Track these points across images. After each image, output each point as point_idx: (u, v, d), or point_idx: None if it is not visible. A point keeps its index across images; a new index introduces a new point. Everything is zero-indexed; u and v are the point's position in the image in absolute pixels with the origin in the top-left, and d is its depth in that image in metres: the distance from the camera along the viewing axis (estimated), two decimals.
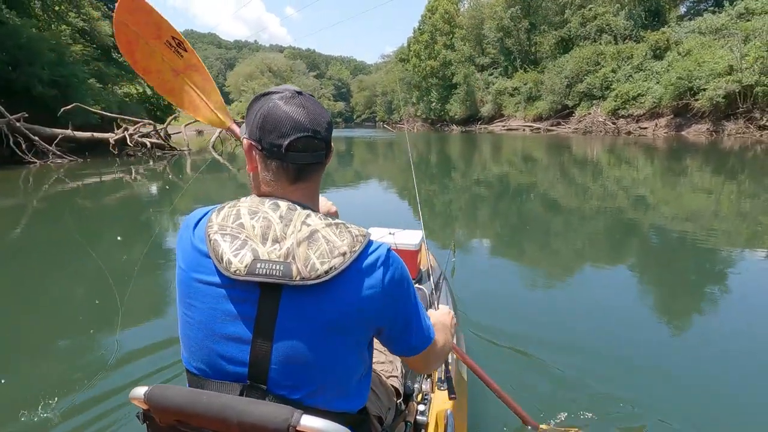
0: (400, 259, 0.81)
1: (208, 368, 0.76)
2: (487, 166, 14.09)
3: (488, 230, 6.12)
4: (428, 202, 7.76)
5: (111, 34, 23.67)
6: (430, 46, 50.35)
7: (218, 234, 0.74)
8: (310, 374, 0.73)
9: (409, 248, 2.52)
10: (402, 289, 0.79)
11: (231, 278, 0.71)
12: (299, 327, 0.71)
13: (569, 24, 35.28)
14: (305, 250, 0.71)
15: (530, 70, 38.68)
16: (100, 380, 2.22)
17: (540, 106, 35.31)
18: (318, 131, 0.78)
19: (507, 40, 42.05)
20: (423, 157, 19.34)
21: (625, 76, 28.69)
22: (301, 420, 0.65)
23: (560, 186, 9.60)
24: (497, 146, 23.02)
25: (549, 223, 6.26)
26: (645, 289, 3.84)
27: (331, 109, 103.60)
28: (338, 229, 0.76)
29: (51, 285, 3.79)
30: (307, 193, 0.82)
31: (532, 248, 5.11)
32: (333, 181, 11.22)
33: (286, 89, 0.80)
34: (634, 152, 16.34)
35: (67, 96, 16.52)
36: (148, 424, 0.76)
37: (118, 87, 27.18)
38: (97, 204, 8.25)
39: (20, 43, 13.28)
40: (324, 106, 0.83)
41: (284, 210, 0.76)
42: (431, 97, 51.78)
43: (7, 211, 7.37)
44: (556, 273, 4.17)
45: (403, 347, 0.87)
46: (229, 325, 0.73)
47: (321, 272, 0.70)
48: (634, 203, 7.23)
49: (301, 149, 0.77)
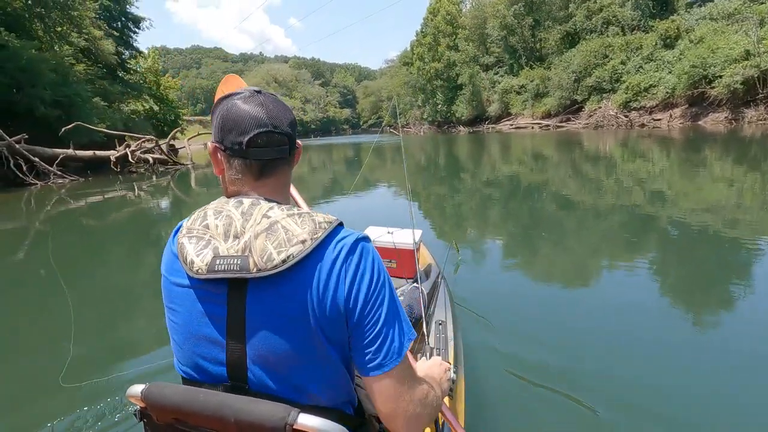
0: (373, 250, 0.76)
1: (193, 371, 0.76)
2: (496, 166, 13.72)
3: (496, 230, 5.97)
4: (437, 205, 7.67)
5: (114, 52, 23.88)
6: (434, 48, 50.26)
7: (185, 237, 0.75)
8: (288, 369, 0.71)
9: (408, 247, 2.48)
10: (370, 284, 0.73)
11: (197, 278, 0.71)
12: (267, 321, 0.69)
13: (574, 18, 34.66)
14: (263, 241, 0.70)
15: (536, 66, 38.11)
16: (97, 378, 2.22)
17: (548, 103, 34.67)
18: (278, 126, 0.77)
19: (511, 38, 41.56)
20: (431, 159, 19.18)
21: (635, 67, 27.94)
22: (298, 418, 0.64)
23: (572, 183, 9.23)
24: (506, 145, 22.64)
25: (560, 221, 6.03)
26: (662, 286, 3.56)
27: (338, 116, 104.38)
28: (301, 218, 0.73)
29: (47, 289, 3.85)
30: (274, 189, 0.80)
31: (542, 247, 4.92)
32: (341, 187, 11.17)
33: (245, 89, 0.79)
34: (649, 145, 15.82)
35: (71, 116, 16.53)
36: (145, 422, 0.76)
37: (125, 104, 27.38)
38: (101, 222, 8.11)
39: (21, 65, 13.27)
40: (287, 104, 0.81)
41: (247, 206, 0.75)
42: (437, 99, 51.62)
43: (6, 234, 7.22)
44: (568, 272, 4.00)
45: (363, 359, 0.73)
46: (204, 325, 0.73)
47: (278, 261, 0.68)
48: (650, 197, 6.85)
49: (263, 145, 0.77)
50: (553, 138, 23.84)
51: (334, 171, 16.92)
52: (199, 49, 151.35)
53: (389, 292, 0.75)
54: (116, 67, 25.90)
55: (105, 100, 21.73)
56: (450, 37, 49.02)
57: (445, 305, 2.11)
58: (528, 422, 1.88)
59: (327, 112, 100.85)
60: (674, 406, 1.95)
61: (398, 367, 0.74)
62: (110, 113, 21.56)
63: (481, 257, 4.64)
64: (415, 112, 59.44)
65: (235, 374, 0.72)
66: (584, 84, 30.97)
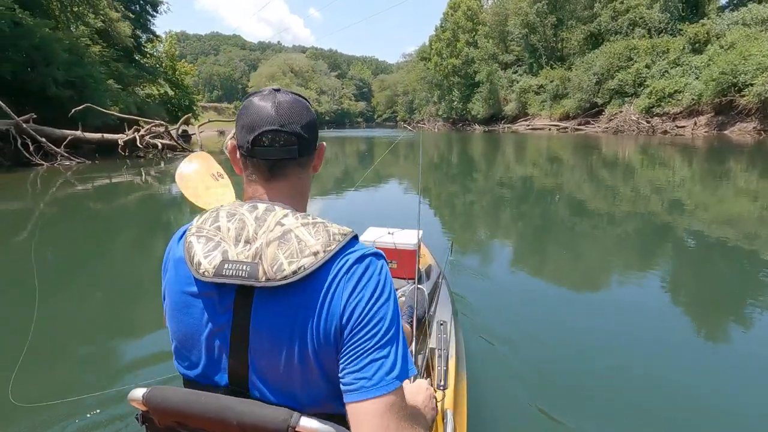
0: (381, 267, 0.73)
1: (193, 375, 0.75)
2: (510, 167, 13.47)
3: (505, 231, 5.91)
4: (447, 203, 7.66)
5: (130, 34, 23.78)
6: (452, 44, 49.65)
7: (194, 236, 0.73)
8: (289, 380, 0.70)
9: (408, 248, 2.46)
10: (370, 298, 0.69)
11: (203, 281, 0.70)
12: (272, 332, 0.68)
13: (599, 18, 33.71)
14: (274, 250, 0.68)
15: (557, 66, 37.26)
16: (99, 381, 2.19)
17: (567, 105, 33.87)
18: (286, 124, 0.75)
19: (532, 37, 40.72)
20: (444, 157, 19.04)
21: (661, 71, 27.04)
22: (300, 421, 0.64)
23: (587, 188, 9.04)
24: (521, 146, 22.30)
25: (572, 225, 5.95)
26: (673, 295, 3.47)
27: (352, 108, 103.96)
28: (315, 228, 0.71)
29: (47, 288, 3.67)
30: (289, 193, 0.78)
31: (550, 250, 4.86)
32: (351, 181, 11.00)
33: (266, 88, 0.79)
34: (670, 153, 15.39)
35: (83, 97, 16.42)
36: (147, 425, 0.76)
37: (140, 88, 27.34)
38: (108, 207, 7.95)
39: (34, 44, 13.11)
40: (306, 105, 0.80)
41: (261, 211, 0.73)
42: (453, 96, 51.11)
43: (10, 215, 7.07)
44: (574, 276, 3.98)
45: (345, 378, 0.67)
46: (208, 331, 0.72)
47: (288, 273, 0.66)
48: (668, 207, 6.69)
49: (268, 144, 0.74)
50: (571, 141, 23.43)
51: (346, 164, 16.85)
52: (218, 35, 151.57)
53: (393, 313, 0.70)
54: (133, 50, 25.84)
55: (119, 83, 21.67)
56: (469, 33, 48.35)
57: (447, 305, 2.11)
58: (530, 423, 1.87)
59: (342, 104, 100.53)
60: (673, 412, 1.94)
61: (387, 397, 0.65)
62: (124, 96, 21.47)
63: (487, 257, 4.58)
64: (430, 108, 58.95)
65: (236, 381, 0.71)
66: (606, 87, 30.12)
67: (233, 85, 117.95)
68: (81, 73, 16.32)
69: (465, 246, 4.76)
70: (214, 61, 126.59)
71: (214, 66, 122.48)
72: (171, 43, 33.63)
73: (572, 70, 34.36)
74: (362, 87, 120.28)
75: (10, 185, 9.83)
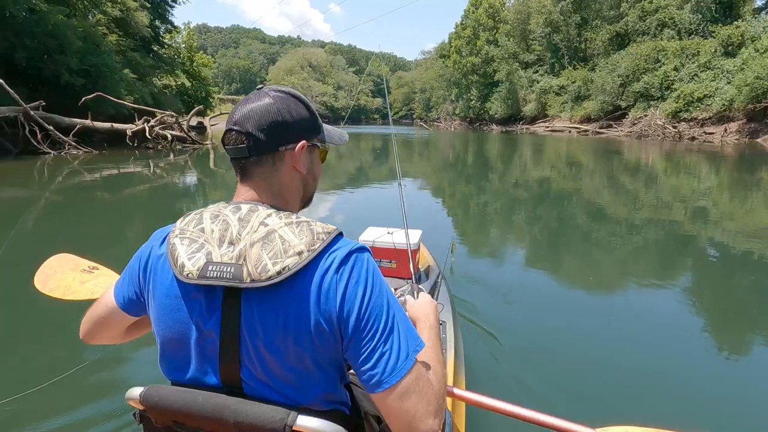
0: (368, 260, 0.73)
1: (180, 377, 0.75)
2: (527, 169, 13.10)
3: (510, 233, 5.85)
4: (461, 204, 7.68)
5: (148, 24, 23.74)
6: (472, 41, 48.90)
7: (177, 238, 0.73)
8: (281, 378, 0.70)
9: (408, 247, 2.47)
10: (363, 296, 0.69)
11: (188, 284, 0.70)
12: (261, 332, 0.68)
13: (626, 18, 32.56)
14: (258, 250, 0.68)
15: (579, 67, 36.18)
16: (96, 380, 2.20)
17: (589, 107, 32.85)
18: (239, 123, 0.75)
19: (555, 36, 39.70)
20: (459, 157, 18.84)
21: (690, 75, 25.93)
22: (297, 420, 0.65)
23: (606, 193, 8.76)
24: (539, 148, 21.80)
25: (585, 230, 5.86)
26: (690, 307, 3.34)
27: (369, 105, 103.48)
28: (299, 227, 0.71)
29: None
30: (267, 193, 0.77)
31: (555, 254, 4.78)
32: (367, 178, 10.82)
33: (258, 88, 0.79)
34: (697, 160, 14.79)
35: (97, 85, 16.35)
36: (144, 424, 0.76)
37: (157, 78, 27.36)
38: (112, 197, 7.73)
39: (47, 31, 12.98)
40: (281, 104, 0.77)
41: (245, 212, 0.73)
42: (471, 94, 50.45)
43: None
44: (581, 279, 3.93)
45: (362, 376, 0.70)
46: (196, 332, 0.71)
47: (272, 273, 0.66)
48: (692, 216, 6.42)
49: (230, 143, 0.76)
50: (591, 144, 22.84)
51: (361, 160, 16.80)
52: (239, 28, 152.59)
53: (386, 303, 0.71)
54: (150, 40, 25.84)
55: (135, 73, 21.62)
56: (490, 31, 47.55)
57: (446, 305, 2.10)
58: (530, 425, 1.73)
59: (358, 101, 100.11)
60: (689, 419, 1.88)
61: (403, 380, 0.68)
62: (139, 86, 21.43)
63: (488, 258, 4.52)
64: (447, 107, 58.25)
65: (228, 382, 0.71)
66: (630, 89, 29.05)
67: (252, 78, 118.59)
68: (95, 61, 16.23)
69: (466, 246, 4.66)
70: (234, 54, 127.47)
71: (233, 59, 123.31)
72: (189, 34, 33.67)
73: (595, 71, 33.34)
74: (379, 83, 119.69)
75: (13, 173, 9.71)
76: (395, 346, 0.69)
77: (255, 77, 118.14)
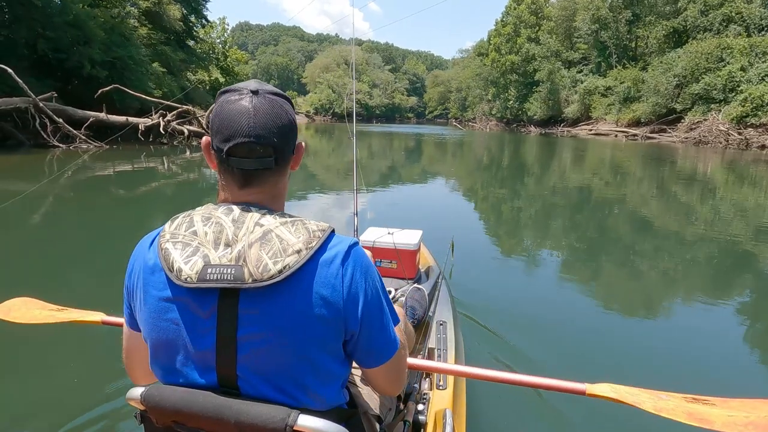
0: (365, 254, 0.77)
1: (173, 379, 0.75)
2: (566, 174, 12.37)
3: (513, 235, 5.80)
4: (494, 208, 7.60)
5: (180, 18, 23.61)
6: (513, 39, 47.10)
7: (170, 243, 0.72)
8: (280, 378, 0.71)
9: (408, 248, 2.47)
10: (366, 291, 0.74)
11: (184, 287, 0.68)
12: (261, 331, 0.69)
13: (685, 13, 29.84)
14: (257, 251, 0.69)
15: (629, 66, 33.59)
16: (96, 380, 2.18)
17: (639, 109, 30.33)
18: (262, 136, 0.72)
19: (603, 33, 37.22)
20: (494, 159, 18.01)
21: (759, 75, 23.20)
22: (298, 419, 0.66)
23: (655, 203, 8.11)
24: (581, 152, 20.23)
25: (628, 240, 5.53)
26: (743, 332, 3.02)
27: (403, 104, 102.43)
28: (294, 226, 0.72)
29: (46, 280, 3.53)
30: (264, 197, 0.77)
31: (561, 257, 4.73)
32: (399, 177, 10.62)
33: (245, 87, 0.74)
34: (764, 171, 13.10)
35: (123, 78, 16.12)
36: (144, 425, 0.77)
37: (192, 73, 27.36)
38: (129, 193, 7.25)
39: (68, 21, 12.65)
40: (284, 106, 0.76)
41: (237, 213, 0.73)
42: (509, 94, 48.66)
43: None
44: (586, 286, 3.89)
45: (363, 357, 0.79)
46: (190, 334, 0.71)
47: (274, 272, 0.67)
48: (754, 233, 5.79)
49: (243, 155, 0.73)
50: (640, 150, 21.00)
51: (393, 159, 16.52)
52: (279, 26, 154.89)
53: (383, 293, 0.77)
54: (184, 34, 25.81)
55: (165, 67, 21.48)
56: (532, 28, 45.61)
57: (446, 306, 2.13)
58: (529, 423, 1.90)
59: (393, 99, 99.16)
60: None
61: (392, 359, 0.80)
62: (168, 80, 21.27)
63: (488, 259, 4.52)
64: (483, 107, 56.43)
65: (225, 383, 0.71)
66: (688, 91, 26.45)
67: (289, 75, 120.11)
68: (121, 53, 15.97)
69: (466, 246, 4.60)
70: (273, 51, 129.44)
71: (272, 56, 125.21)
72: (224, 29, 33.72)
73: (648, 70, 30.76)
74: (415, 82, 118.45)
75: (16, 168, 9.25)
76: (389, 328, 0.78)
77: (293, 74, 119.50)
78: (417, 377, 1.41)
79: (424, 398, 1.34)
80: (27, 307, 1.38)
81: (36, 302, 1.42)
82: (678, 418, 0.89)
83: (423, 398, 1.34)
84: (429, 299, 2.02)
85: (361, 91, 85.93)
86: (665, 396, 0.98)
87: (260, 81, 0.78)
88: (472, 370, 1.14)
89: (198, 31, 28.64)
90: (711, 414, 0.89)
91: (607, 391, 1.02)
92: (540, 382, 1.08)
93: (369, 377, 0.83)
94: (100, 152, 11.38)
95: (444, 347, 1.69)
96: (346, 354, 0.76)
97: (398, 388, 0.87)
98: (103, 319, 1.29)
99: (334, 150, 20.08)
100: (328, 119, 77.15)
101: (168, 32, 22.98)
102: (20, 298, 1.42)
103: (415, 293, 1.95)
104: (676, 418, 0.89)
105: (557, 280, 3.92)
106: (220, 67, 32.11)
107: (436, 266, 2.67)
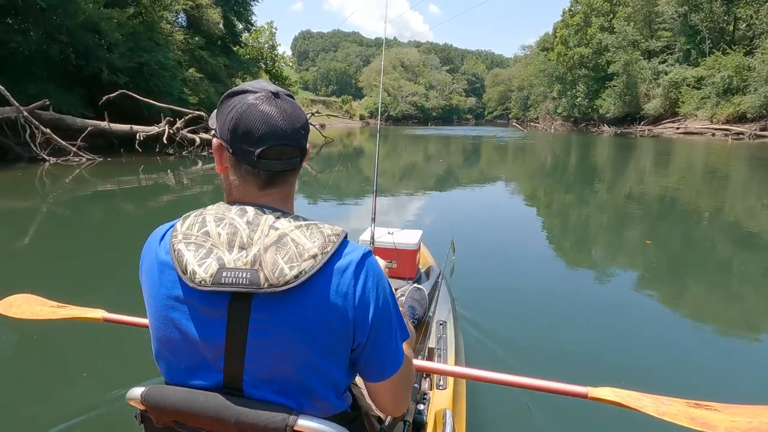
0: (378, 264, 0.77)
1: (179, 378, 0.74)
2: (645, 179, 10.88)
3: (511, 235, 5.57)
4: (560, 215, 7.26)
5: (219, 21, 22.95)
6: (582, 29, 42.76)
7: (182, 243, 0.71)
8: (287, 382, 0.71)
9: (408, 248, 2.49)
10: (377, 301, 0.73)
11: (197, 289, 0.68)
12: (272, 336, 0.68)
13: None
14: (273, 255, 0.68)
15: (730, 52, 28.29)
16: (97, 381, 2.17)
17: (744, 103, 25.30)
18: (293, 138, 0.74)
19: (694, 16, 31.94)
20: (560, 162, 16.11)
21: None
22: (298, 421, 0.66)
23: (765, 215, 6.85)
24: (666, 154, 17.16)
25: (632, 244, 5.12)
26: None
27: (461, 105, 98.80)
28: (309, 230, 0.72)
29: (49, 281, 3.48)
30: (279, 198, 0.78)
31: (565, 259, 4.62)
32: (455, 180, 10.50)
33: (262, 89, 0.73)
34: None
35: (149, 84, 15.31)
36: (145, 425, 0.77)
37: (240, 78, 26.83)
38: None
39: (79, 23, 11.79)
40: (301, 107, 0.78)
41: (251, 215, 0.72)
42: (577, 90, 44.27)
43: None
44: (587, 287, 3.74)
45: (367, 369, 0.77)
46: (199, 335, 0.70)
47: (290, 277, 0.67)
48: None
49: (274, 157, 0.74)
50: (744, 151, 17.29)
51: (449, 163, 16.01)
52: (339, 33, 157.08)
53: (393, 305, 0.77)
54: (227, 39, 25.28)
55: (202, 72, 20.79)
56: (605, 16, 41.03)
57: (446, 305, 2.14)
58: (529, 423, 1.88)
59: (450, 100, 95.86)
60: None
61: (397, 373, 0.78)
62: (204, 86, 20.53)
63: (488, 259, 4.44)
64: (548, 105, 51.93)
65: (230, 384, 0.71)
66: None
67: (347, 80, 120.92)
68: (146, 58, 15.14)
69: (467, 247, 4.37)
70: (333, 57, 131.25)
71: (331, 62, 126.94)
72: (272, 33, 33.23)
73: (754, 56, 25.53)
74: (474, 82, 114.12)
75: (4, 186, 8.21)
76: (398, 342, 0.77)
77: (351, 79, 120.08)
78: (417, 377, 1.40)
79: (424, 398, 1.36)
80: (28, 303, 1.43)
81: (37, 299, 1.46)
82: (680, 422, 0.90)
83: (423, 398, 1.36)
84: (429, 299, 2.05)
85: (417, 93, 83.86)
86: (668, 401, 1.00)
87: (268, 81, 0.77)
88: (473, 371, 1.16)
89: (240, 35, 28.11)
90: (714, 419, 0.90)
91: (609, 394, 1.03)
92: (541, 385, 1.09)
93: (372, 393, 0.82)
94: (93, 166, 10.26)
95: (444, 347, 1.73)
96: (351, 363, 0.76)
97: (401, 408, 0.85)
98: (104, 317, 1.31)
99: (388, 154, 18.47)
100: (383, 122, 76.00)
101: (209, 37, 22.34)
102: (21, 294, 1.46)
103: (415, 293, 1.98)
104: (678, 422, 0.90)
105: (559, 280, 3.84)
106: (268, 72, 31.59)
107: (436, 266, 2.70)
